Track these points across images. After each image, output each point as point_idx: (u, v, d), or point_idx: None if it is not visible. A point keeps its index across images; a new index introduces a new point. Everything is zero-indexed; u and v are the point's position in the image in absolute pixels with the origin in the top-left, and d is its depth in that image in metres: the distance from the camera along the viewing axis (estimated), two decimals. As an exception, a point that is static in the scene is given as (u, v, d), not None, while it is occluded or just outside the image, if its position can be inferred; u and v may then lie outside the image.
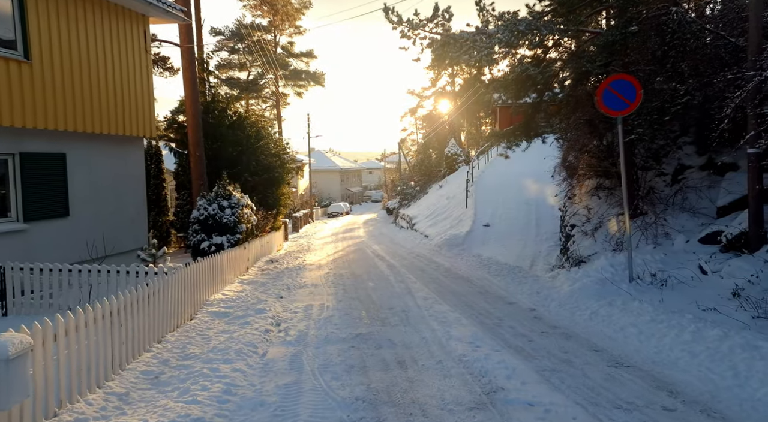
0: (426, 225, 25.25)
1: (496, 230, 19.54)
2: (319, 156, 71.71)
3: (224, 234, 12.85)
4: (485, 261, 15.44)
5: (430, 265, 15.59)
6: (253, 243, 15.72)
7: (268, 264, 16.47)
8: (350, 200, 71.36)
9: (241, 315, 8.88)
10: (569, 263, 11.86)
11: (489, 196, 24.01)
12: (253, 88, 40.54)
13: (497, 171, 28.91)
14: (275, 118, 41.75)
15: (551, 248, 16.07)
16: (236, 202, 13.27)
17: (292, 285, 12.48)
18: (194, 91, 17.22)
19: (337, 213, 54.15)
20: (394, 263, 16.48)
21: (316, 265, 16.92)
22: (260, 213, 18.18)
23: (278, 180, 20.71)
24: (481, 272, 13.78)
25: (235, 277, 12.70)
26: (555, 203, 21.83)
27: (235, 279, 12.61)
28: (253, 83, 40.84)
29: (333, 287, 12.40)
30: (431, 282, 12.40)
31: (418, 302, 10.13)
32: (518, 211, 21.48)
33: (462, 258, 16.72)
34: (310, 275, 14.57)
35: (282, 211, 21.58)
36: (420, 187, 39.75)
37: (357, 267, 15.85)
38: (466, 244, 18.49)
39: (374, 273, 14.50)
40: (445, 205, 27.17)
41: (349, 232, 33.16)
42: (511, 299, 10.18)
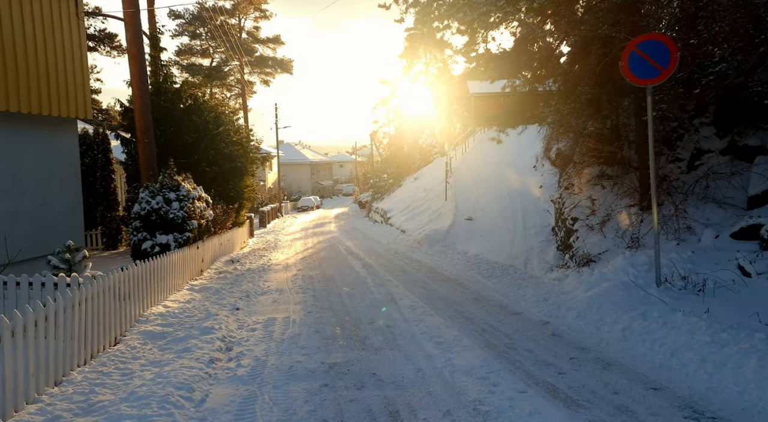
0: (402, 220, 23.46)
1: (479, 224, 17.86)
2: (288, 148, 69.19)
3: (171, 233, 10.76)
4: (473, 260, 13.71)
5: (411, 265, 13.78)
6: (209, 241, 13.64)
7: (228, 265, 14.41)
8: (321, 194, 69.12)
9: (181, 337, 6.88)
10: (575, 262, 10.20)
11: (469, 188, 22.34)
12: (217, 76, 38.00)
13: (476, 162, 27.30)
14: (240, 107, 39.27)
15: (544, 244, 14.46)
16: (186, 195, 11.19)
17: (252, 292, 10.50)
18: (141, 69, 14.95)
19: (307, 207, 51.95)
20: (371, 262, 14.62)
21: (283, 265, 14.93)
22: (219, 208, 16.07)
23: (240, 170, 18.58)
24: (471, 273, 12.03)
25: (184, 283, 10.65)
26: (540, 195, 20.28)
27: (184, 285, 10.56)
28: (217, 70, 38.28)
29: (301, 293, 10.48)
30: (416, 286, 10.59)
31: (405, 313, 8.29)
32: (501, 203, 19.87)
33: (446, 256, 14.96)
34: (275, 278, 12.60)
35: (246, 204, 19.47)
36: (393, 180, 37.92)
37: (329, 268, 13.94)
38: (448, 240, 16.75)
39: (349, 274, 12.62)
40: (422, 197, 25.42)
41: (320, 227, 31.14)
42: (515, 308, 8.43)
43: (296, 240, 23.06)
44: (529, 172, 24.01)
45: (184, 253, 10.66)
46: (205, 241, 13.02)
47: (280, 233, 27.72)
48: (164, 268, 9.19)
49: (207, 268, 13.36)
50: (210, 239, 13.84)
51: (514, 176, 23.66)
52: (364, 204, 40.04)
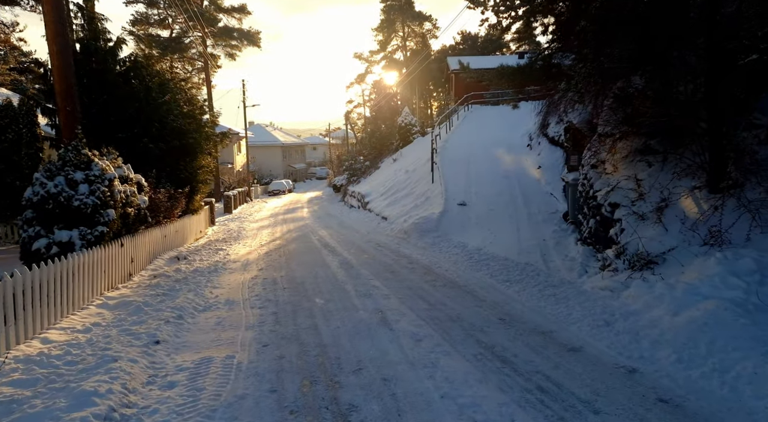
0: (383, 205, 20.60)
1: (475, 210, 15.13)
2: (258, 130, 65.31)
3: (76, 227, 7.68)
4: (476, 255, 10.97)
5: (400, 262, 10.96)
6: (144, 235, 10.56)
7: (171, 264, 11.37)
8: (293, 177, 65.66)
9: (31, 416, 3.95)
10: (627, 264, 7.51)
11: (458, 169, 19.58)
12: (177, 48, 34.21)
13: (463, 141, 24.53)
14: (203, 83, 35.61)
15: (558, 234, 11.80)
16: (99, 175, 8.08)
17: (191, 308, 7.54)
18: (58, 17, 11.62)
19: (278, 191, 48.62)
20: (350, 258, 11.75)
21: (242, 263, 11.96)
22: (162, 193, 12.94)
23: (193, 148, 15.39)
24: (481, 275, 9.27)
25: (95, 296, 7.63)
26: (539, 176, 17.68)
27: (95, 299, 7.54)
28: (177, 42, 34.46)
29: (259, 308, 7.57)
30: (413, 297, 7.79)
31: (407, 349, 5.49)
32: (497, 186, 17.18)
33: (441, 249, 12.18)
34: (227, 282, 9.64)
35: (201, 188, 16.34)
36: (371, 162, 34.98)
37: (299, 267, 11.03)
38: (441, 229, 13.97)
39: (324, 277, 9.73)
40: (404, 180, 22.58)
41: (291, 213, 28.08)
42: (567, 338, 5.69)
43: (263, 229, 20.01)
44: (523, 151, 21.40)
45: (96, 255, 7.62)
46: (137, 235, 9.95)
47: (246, 220, 24.59)
48: (57, 279, 6.17)
49: (141, 270, 10.31)
50: (146, 232, 10.76)
51: (507, 156, 21.00)
52: (339, 187, 37.05)
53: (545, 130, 20.29)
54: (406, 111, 33.27)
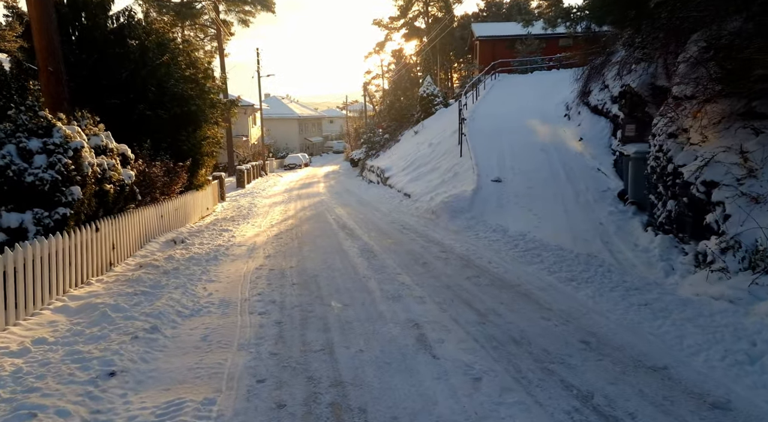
0: (405, 181, 18.76)
1: (512, 188, 13.22)
2: (274, 102, 63.36)
3: (30, 208, 5.99)
4: (521, 242, 9.13)
5: (430, 250, 9.17)
6: (131, 216, 8.90)
7: (166, 249, 9.74)
8: (309, 151, 63.87)
9: None
10: (747, 264, 5.62)
11: (489, 142, 17.58)
12: (188, 14, 32.22)
13: (491, 111, 22.41)
14: (215, 51, 33.64)
15: (617, 217, 9.90)
16: (61, 143, 6.34)
17: (172, 313, 5.86)
18: (32, -41, 9.85)
19: (294, 164, 46.95)
20: (371, 244, 9.99)
21: (248, 248, 10.28)
22: (158, 166, 11.25)
23: (196, 116, 13.62)
24: (532, 269, 7.44)
25: (55, 297, 6.00)
26: (581, 149, 15.64)
27: (54, 301, 5.91)
28: (188, 7, 32.45)
29: (259, 315, 5.88)
30: (456, 302, 6.01)
31: (462, 395, 3.73)
32: (534, 160, 15.20)
33: (477, 234, 10.35)
34: (226, 275, 7.96)
35: (206, 161, 14.63)
36: (390, 135, 32.99)
37: (312, 254, 9.30)
38: (474, 210, 12.11)
39: (341, 269, 7.99)
40: (428, 153, 20.64)
41: (307, 188, 26.39)
42: (701, 384, 3.83)
43: (275, 206, 18.34)
44: (559, 122, 19.29)
45: (55, 245, 5.95)
46: (121, 217, 8.28)
47: (258, 195, 22.96)
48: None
49: (128, 257, 8.68)
50: (134, 212, 9.09)
51: (541, 127, 18.90)
52: (357, 162, 35.20)
53: (586, 98, 18.13)
54: (429, 80, 31.05)
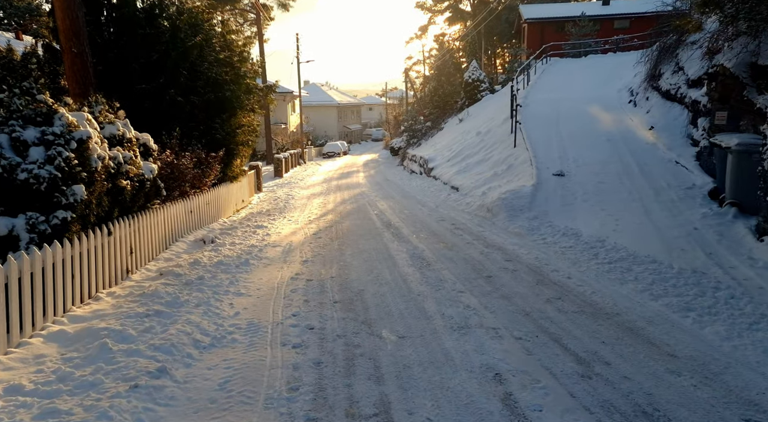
0: (451, 172, 17.33)
1: (578, 183, 11.65)
2: (314, 89, 62.41)
3: (23, 211, 4.92)
4: (601, 251, 7.66)
5: (492, 258, 7.79)
6: (153, 215, 7.84)
7: (193, 250, 8.68)
8: (348, 139, 62.80)
9: None
10: None
11: (545, 131, 15.94)
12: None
13: (544, 97, 20.62)
14: (254, 36, 32.70)
15: (714, 220, 8.26)
16: (62, 132, 5.23)
17: (188, 344, 4.70)
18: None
19: (333, 153, 45.92)
20: (422, 248, 8.68)
21: (283, 249, 9.13)
22: (187, 157, 10.20)
23: (230, 102, 12.52)
24: (627, 290, 5.98)
25: (52, 318, 4.94)
26: (653, 139, 13.86)
27: (49, 324, 4.86)
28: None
29: (293, 352, 4.66)
30: (543, 339, 4.64)
31: None
32: (599, 151, 13.53)
33: (544, 238, 8.90)
34: (257, 286, 6.81)
35: (242, 151, 13.56)
36: (432, 122, 31.44)
37: (355, 261, 8.06)
38: (537, 208, 10.63)
39: (390, 283, 6.71)
40: (476, 143, 19.10)
41: (346, 178, 25.23)
42: None
43: (314, 198, 17.23)
44: (623, 109, 17.44)
45: (51, 256, 4.89)
46: (140, 216, 7.22)
47: (296, 186, 21.93)
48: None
49: (150, 261, 7.64)
50: (158, 210, 8.04)
51: (603, 115, 17.10)
52: (397, 150, 33.83)
53: (656, 82, 16.22)
54: (474, 65, 29.28)
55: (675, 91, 14.77)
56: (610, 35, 30.74)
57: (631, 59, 24.84)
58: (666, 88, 15.37)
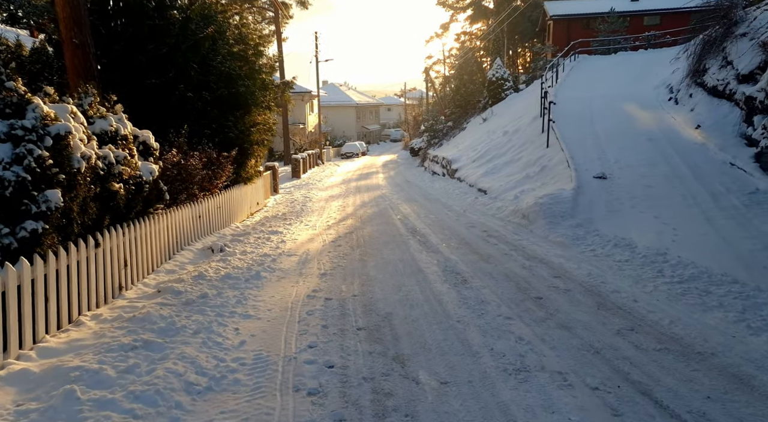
0: (478, 174, 16.24)
1: (623, 187, 10.50)
2: (332, 89, 61.62)
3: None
4: (665, 268, 6.53)
5: (538, 274, 6.72)
6: (154, 222, 6.94)
7: (200, 260, 7.76)
8: (366, 139, 61.89)
9: None
10: None
11: (579, 130, 14.78)
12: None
13: (575, 95, 19.39)
14: (273, 35, 31.94)
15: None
16: (35, 126, 4.35)
17: (179, 390, 3.76)
18: None
19: (351, 153, 45.03)
20: (454, 259, 7.64)
21: (299, 259, 8.17)
22: (196, 157, 9.30)
23: (245, 99, 11.62)
24: (714, 319, 4.83)
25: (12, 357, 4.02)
26: (702, 139, 12.63)
27: (11, 362, 3.94)
28: (245, -11, 30.85)
29: (308, 403, 3.67)
30: (626, 389, 3.57)
31: None
32: (642, 152, 12.35)
33: (592, 249, 7.80)
34: (268, 307, 5.84)
35: (256, 150, 12.65)
36: (454, 122, 30.35)
37: (379, 275, 7.04)
38: (580, 215, 9.51)
39: (423, 306, 5.68)
40: (503, 143, 17.98)
41: (365, 179, 24.27)
42: None
43: (332, 200, 16.28)
44: (662, 106, 16.18)
45: (16, 277, 3.98)
46: (138, 224, 6.32)
47: (314, 187, 21.01)
48: None
49: (150, 273, 6.74)
50: (161, 216, 7.14)
51: (641, 113, 15.86)
52: (417, 151, 32.79)
53: (700, 77, 14.96)
54: (498, 63, 28.09)
55: (723, 87, 13.53)
56: (640, 32, 29.32)
57: (664, 56, 23.51)
58: (713, 84, 14.12)
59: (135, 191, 6.13)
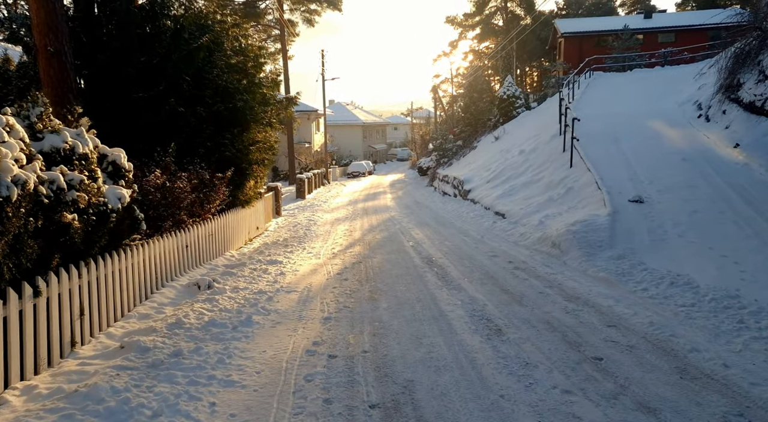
0: (494, 195, 15.05)
1: (664, 212, 9.27)
2: (339, 108, 60.93)
3: None
4: (744, 315, 5.27)
5: (588, 323, 5.47)
6: (121, 260, 5.77)
7: (182, 300, 6.55)
8: (373, 158, 60.96)
9: None
10: None
11: (605, 149, 13.61)
12: (251, 13, 29.95)
13: (594, 112, 18.24)
14: (278, 53, 31.16)
15: None
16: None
17: None
18: None
19: (358, 172, 44.01)
20: (482, 301, 6.40)
21: (298, 296, 6.96)
22: (183, 179, 8.17)
23: (243, 114, 10.54)
24: None
25: None
26: (743, 158, 11.38)
27: None
28: (251, 6, 30.21)
29: None
30: None
31: None
32: (678, 173, 11.14)
33: (643, 288, 6.54)
34: (257, 365, 4.61)
35: (256, 171, 11.52)
36: (463, 141, 29.30)
37: (393, 320, 5.81)
38: (620, 244, 8.26)
39: (450, 369, 4.43)
40: (519, 162, 16.81)
41: (372, 200, 23.13)
42: None
43: (338, 224, 15.11)
44: (691, 124, 15.02)
45: None
46: (100, 263, 5.15)
47: (319, 209, 19.87)
48: None
49: (113, 323, 5.55)
50: (133, 250, 5.97)
51: (669, 131, 14.69)
52: (426, 170, 31.71)
53: (734, 93, 13.82)
54: (509, 80, 27.10)
55: (762, 102, 12.43)
56: (654, 49, 28.36)
57: (684, 72, 22.42)
58: (749, 99, 12.99)
59: (97, 222, 4.98)
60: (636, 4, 48.12)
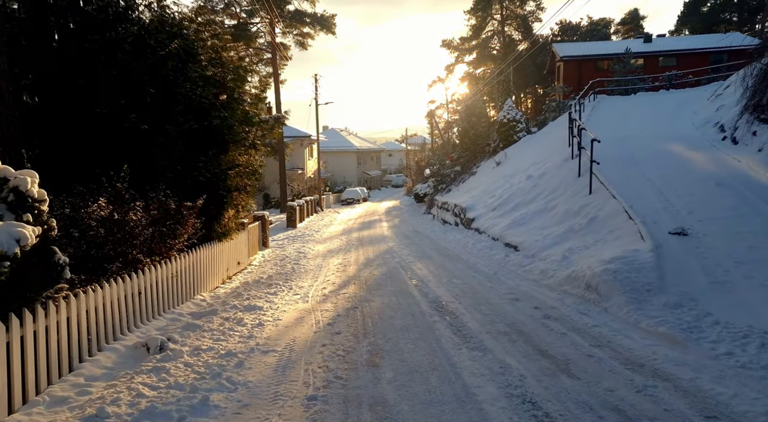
0: (502, 225, 13.53)
1: (714, 246, 7.76)
2: (333, 134, 59.85)
3: None
4: None
5: (671, 405, 3.88)
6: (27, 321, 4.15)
7: (119, 371, 4.92)
8: (368, 185, 59.62)
9: None
10: None
11: (625, 175, 12.18)
12: (242, 36, 28.81)
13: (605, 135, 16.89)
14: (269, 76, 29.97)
15: None
16: None
17: None
18: None
19: (352, 199, 42.53)
20: (515, 366, 4.80)
21: (276, 362, 5.34)
22: (139, 210, 6.60)
23: (220, 133, 9.02)
24: None
25: None
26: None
27: None
28: (242, 29, 29.09)
29: None
30: None
31: None
32: (717, 201, 9.69)
33: (728, 353, 4.96)
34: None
35: (235, 199, 9.96)
36: (462, 167, 27.98)
37: (402, 403, 4.19)
38: (673, 288, 6.72)
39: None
40: (527, 188, 15.36)
41: (368, 229, 21.58)
42: None
43: (330, 257, 13.50)
44: (714, 146, 13.72)
45: None
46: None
47: (310, 239, 18.27)
48: None
49: (15, 410, 3.91)
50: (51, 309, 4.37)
51: (692, 154, 13.34)
52: (423, 197, 30.30)
53: (764, 113, 12.52)
54: (509, 104, 25.95)
55: (800, 121, 11.07)
56: (655, 72, 27.46)
57: (693, 95, 21.33)
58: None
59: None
60: (629, 32, 47.87)
